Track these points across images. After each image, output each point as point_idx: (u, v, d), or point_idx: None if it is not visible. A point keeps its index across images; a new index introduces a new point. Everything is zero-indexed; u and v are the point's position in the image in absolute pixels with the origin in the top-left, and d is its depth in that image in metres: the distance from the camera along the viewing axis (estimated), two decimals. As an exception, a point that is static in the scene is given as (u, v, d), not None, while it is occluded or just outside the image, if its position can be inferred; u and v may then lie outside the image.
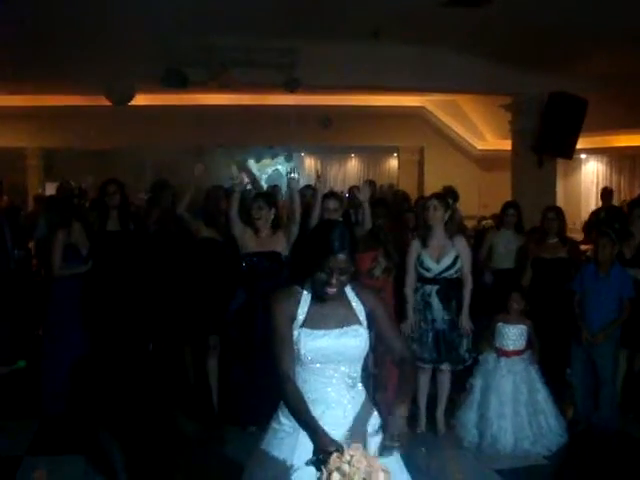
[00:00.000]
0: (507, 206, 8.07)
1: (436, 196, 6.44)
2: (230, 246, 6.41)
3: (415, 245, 6.21)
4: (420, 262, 6.15)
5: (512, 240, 7.80)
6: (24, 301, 7.41)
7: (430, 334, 6.12)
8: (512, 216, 7.87)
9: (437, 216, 6.14)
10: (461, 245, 6.24)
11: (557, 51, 9.13)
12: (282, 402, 3.24)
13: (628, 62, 9.31)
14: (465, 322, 6.13)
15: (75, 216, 6.92)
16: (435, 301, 6.14)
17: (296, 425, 3.13)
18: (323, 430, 2.96)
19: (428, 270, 6.14)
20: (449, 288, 6.17)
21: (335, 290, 3.16)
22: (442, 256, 6.14)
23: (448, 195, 7.05)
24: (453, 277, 6.18)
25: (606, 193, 11.94)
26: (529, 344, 6.10)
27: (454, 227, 6.50)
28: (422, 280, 6.19)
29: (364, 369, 3.38)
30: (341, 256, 3.13)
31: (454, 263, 6.15)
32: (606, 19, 7.69)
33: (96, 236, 6.83)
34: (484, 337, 6.24)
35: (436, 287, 6.15)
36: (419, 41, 9.42)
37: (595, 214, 11.29)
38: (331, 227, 3.24)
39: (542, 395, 5.97)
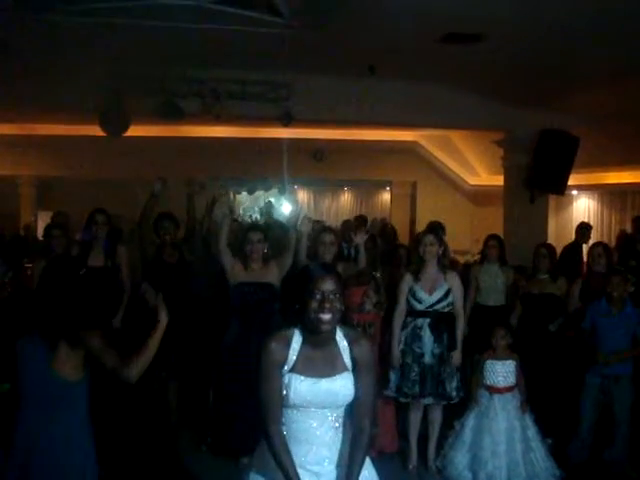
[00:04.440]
0: (488, 239, 7.95)
1: (431, 232, 6.51)
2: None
3: (407, 278, 6.26)
4: (412, 293, 6.18)
5: (497, 274, 7.76)
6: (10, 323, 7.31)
7: (415, 369, 6.11)
8: (493, 248, 7.80)
9: (432, 251, 6.21)
10: (454, 280, 6.29)
11: (550, 88, 9.21)
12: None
13: (620, 100, 9.40)
14: (457, 357, 6.15)
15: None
16: (427, 334, 6.14)
17: None
18: None
19: (420, 302, 6.17)
20: (440, 321, 6.19)
21: (329, 317, 3.16)
22: (434, 289, 6.19)
23: (437, 229, 7.10)
24: (444, 311, 6.21)
25: (582, 228, 11.16)
26: (517, 380, 6.09)
27: (447, 262, 6.54)
28: (413, 314, 6.21)
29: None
30: (328, 278, 3.17)
31: (446, 296, 6.19)
32: (599, 57, 7.77)
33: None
34: (473, 377, 6.21)
35: (427, 320, 6.17)
36: (413, 77, 9.51)
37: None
38: (312, 264, 3.32)
39: (532, 432, 5.95)
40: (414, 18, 6.86)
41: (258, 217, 15.41)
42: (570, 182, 11.08)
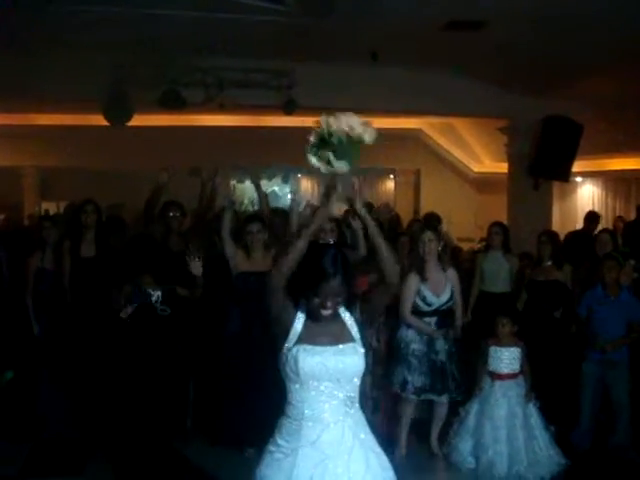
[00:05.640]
0: (492, 226, 7.96)
1: (428, 227, 6.52)
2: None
3: (414, 279, 6.19)
4: (422, 297, 6.17)
5: (501, 261, 7.76)
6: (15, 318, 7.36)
7: (437, 365, 6.12)
8: (496, 235, 7.81)
9: (432, 248, 6.17)
10: (454, 277, 6.32)
11: (553, 75, 9.18)
12: (278, 423, 3.25)
13: (624, 86, 9.37)
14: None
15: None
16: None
17: (293, 446, 3.15)
18: None
19: (430, 305, 6.18)
20: (446, 319, 6.19)
21: (330, 312, 3.20)
22: (441, 290, 6.20)
23: (434, 222, 7.09)
24: (449, 308, 6.22)
25: (590, 217, 11.23)
26: (522, 367, 6.09)
27: (448, 257, 6.53)
28: (419, 314, 6.19)
29: (361, 391, 3.37)
30: (334, 281, 3.16)
31: (451, 297, 6.21)
32: (602, 44, 7.74)
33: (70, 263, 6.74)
34: (478, 364, 6.22)
35: (434, 318, 6.17)
36: (416, 64, 9.47)
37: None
38: (323, 252, 3.25)
39: (535, 420, 5.94)
40: (417, 5, 6.84)
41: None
42: (574, 169, 11.06)
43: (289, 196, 18.08)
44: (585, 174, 14.77)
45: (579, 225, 15.41)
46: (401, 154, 16.95)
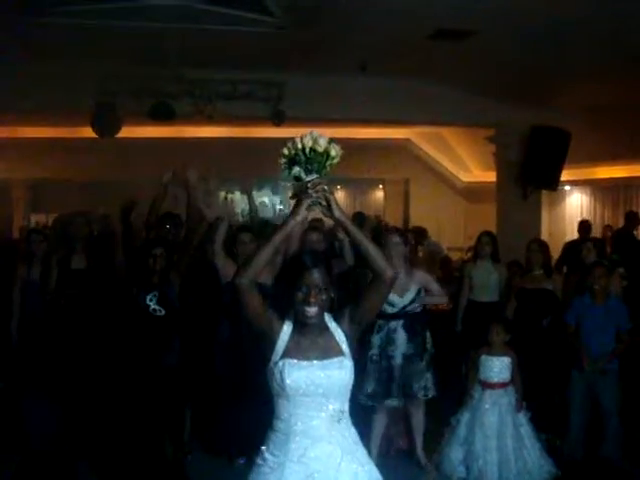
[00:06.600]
0: (481, 236, 7.93)
1: (396, 230, 6.45)
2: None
3: None
4: None
5: (490, 271, 7.76)
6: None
7: (385, 373, 6.06)
8: (486, 245, 7.81)
9: (399, 251, 6.07)
10: (421, 275, 6.19)
11: (540, 84, 9.23)
12: (267, 436, 3.23)
13: (611, 95, 9.42)
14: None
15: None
16: (400, 336, 6.05)
17: (280, 460, 3.13)
18: None
19: (392, 305, 5.99)
20: (414, 322, 6.13)
21: (315, 310, 3.15)
22: (405, 290, 6.04)
23: (420, 237, 7.04)
24: (417, 311, 6.16)
25: (584, 226, 11.52)
26: (513, 377, 6.07)
27: (414, 260, 6.42)
28: (385, 317, 6.01)
29: (352, 401, 3.35)
30: (315, 272, 3.14)
31: (418, 296, 6.13)
32: (589, 53, 7.79)
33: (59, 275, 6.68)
34: (469, 373, 6.20)
35: (401, 321, 6.09)
36: (404, 74, 9.51)
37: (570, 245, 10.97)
38: (305, 251, 3.30)
39: (525, 429, 5.91)
40: (404, 15, 6.87)
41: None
42: (562, 177, 11.11)
43: (278, 207, 18.13)
44: (573, 182, 14.84)
45: (568, 233, 15.52)
46: (390, 164, 17.00)
